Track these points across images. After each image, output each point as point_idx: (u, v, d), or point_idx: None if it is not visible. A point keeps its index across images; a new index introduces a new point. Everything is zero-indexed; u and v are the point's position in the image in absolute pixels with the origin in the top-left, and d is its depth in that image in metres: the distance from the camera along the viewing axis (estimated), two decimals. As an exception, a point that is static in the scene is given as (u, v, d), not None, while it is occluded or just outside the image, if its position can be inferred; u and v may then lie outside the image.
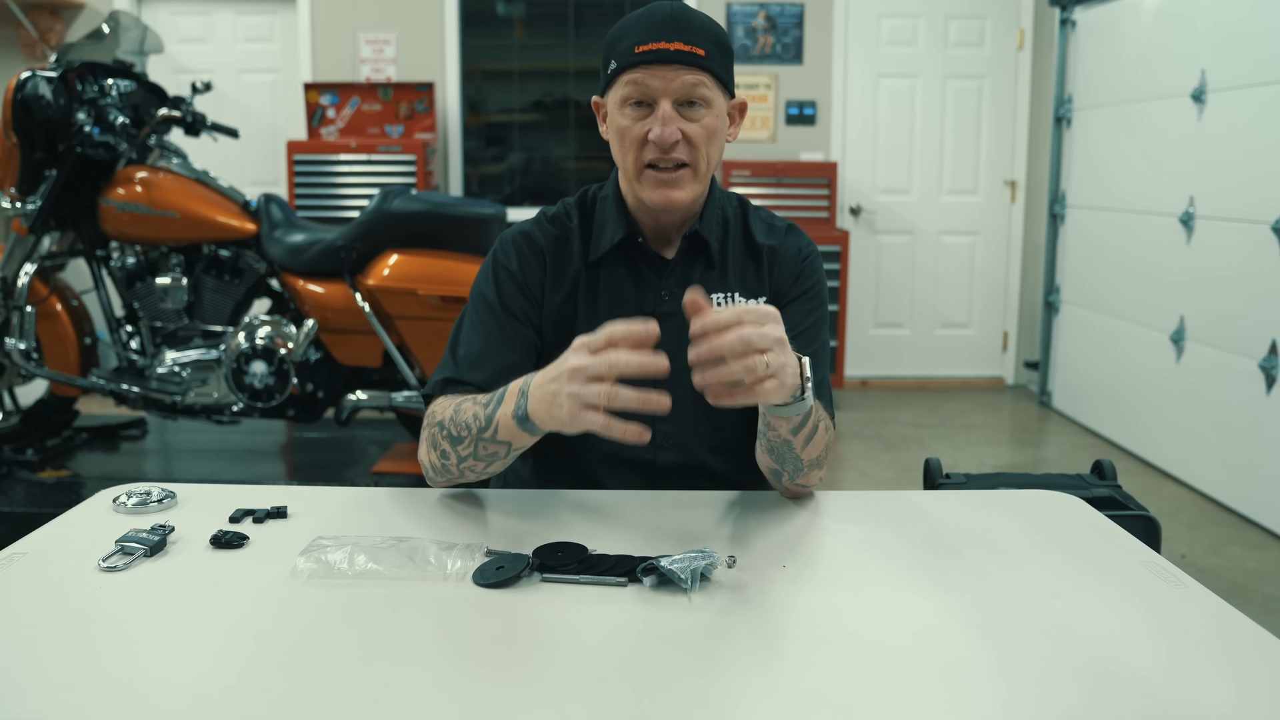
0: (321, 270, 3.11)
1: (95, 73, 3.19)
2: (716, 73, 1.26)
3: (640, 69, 1.23)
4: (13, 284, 3.19)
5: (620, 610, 0.97)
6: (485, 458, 1.20)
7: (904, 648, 0.90)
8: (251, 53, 5.45)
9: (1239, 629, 0.95)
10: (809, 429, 1.20)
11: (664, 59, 1.23)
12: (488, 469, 1.23)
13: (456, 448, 1.22)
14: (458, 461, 1.23)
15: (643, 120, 1.25)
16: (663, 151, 1.25)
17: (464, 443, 1.20)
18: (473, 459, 1.21)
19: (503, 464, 1.22)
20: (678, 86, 1.23)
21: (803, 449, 1.21)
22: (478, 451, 1.20)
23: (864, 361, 5.62)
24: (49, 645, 0.89)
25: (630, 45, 1.24)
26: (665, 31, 1.23)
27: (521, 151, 5.62)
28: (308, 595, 1.00)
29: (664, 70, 1.23)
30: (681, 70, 1.23)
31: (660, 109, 1.24)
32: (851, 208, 5.51)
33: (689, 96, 1.24)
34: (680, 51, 1.22)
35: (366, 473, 3.28)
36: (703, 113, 1.26)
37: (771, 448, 1.22)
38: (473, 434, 1.19)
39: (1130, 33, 4.38)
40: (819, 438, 1.23)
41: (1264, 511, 3.41)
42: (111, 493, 1.29)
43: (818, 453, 1.24)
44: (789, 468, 1.24)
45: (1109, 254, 4.56)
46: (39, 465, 3.28)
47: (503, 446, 1.18)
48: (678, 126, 1.24)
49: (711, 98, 1.26)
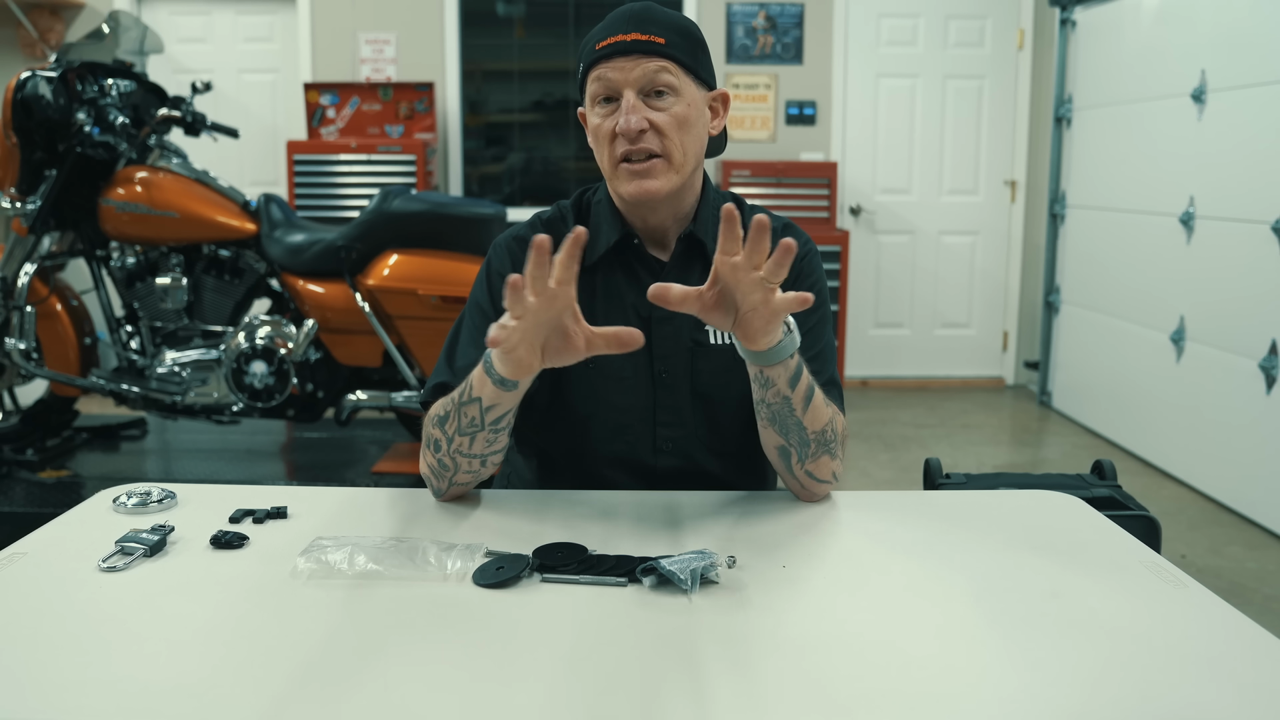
0: (321, 270, 3.11)
1: (95, 73, 3.19)
2: (680, 60, 1.27)
3: (602, 64, 1.26)
4: (13, 284, 3.19)
5: (620, 610, 0.97)
6: (468, 430, 1.21)
7: (904, 648, 0.90)
8: (251, 53, 5.45)
9: (1239, 629, 0.95)
10: (805, 386, 1.19)
11: (621, 50, 1.25)
12: (472, 447, 1.22)
13: (444, 428, 1.23)
14: (448, 446, 1.23)
15: (611, 115, 1.27)
16: (630, 142, 1.25)
17: (449, 419, 1.22)
18: (457, 434, 1.22)
19: (485, 442, 1.22)
20: (638, 75, 1.25)
21: (803, 411, 1.21)
22: (460, 424, 1.21)
23: (864, 361, 5.62)
24: (49, 645, 0.89)
25: (593, 44, 1.28)
26: (623, 25, 1.26)
27: (521, 151, 5.62)
28: (308, 595, 1.00)
29: (622, 61, 1.25)
30: (640, 59, 1.25)
31: (624, 99, 1.25)
32: (851, 208, 5.51)
33: (652, 85, 1.25)
34: (637, 41, 1.24)
35: (366, 473, 3.28)
36: (670, 100, 1.26)
37: (773, 415, 1.22)
38: (455, 404, 1.21)
39: (1130, 33, 4.38)
40: (818, 405, 1.22)
41: (1264, 511, 3.41)
42: (111, 493, 1.29)
43: (821, 425, 1.23)
44: (795, 440, 1.23)
45: (1109, 254, 4.56)
46: (39, 465, 3.28)
47: (475, 406, 1.18)
48: (644, 116, 1.25)
49: (678, 85, 1.27)
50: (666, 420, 1.36)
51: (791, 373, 1.17)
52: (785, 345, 1.14)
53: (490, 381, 1.15)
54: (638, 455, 1.36)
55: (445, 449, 1.24)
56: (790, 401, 1.20)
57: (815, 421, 1.22)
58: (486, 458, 1.24)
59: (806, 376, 1.20)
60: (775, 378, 1.18)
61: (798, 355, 1.17)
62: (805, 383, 1.20)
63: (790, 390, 1.19)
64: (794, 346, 1.16)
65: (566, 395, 1.35)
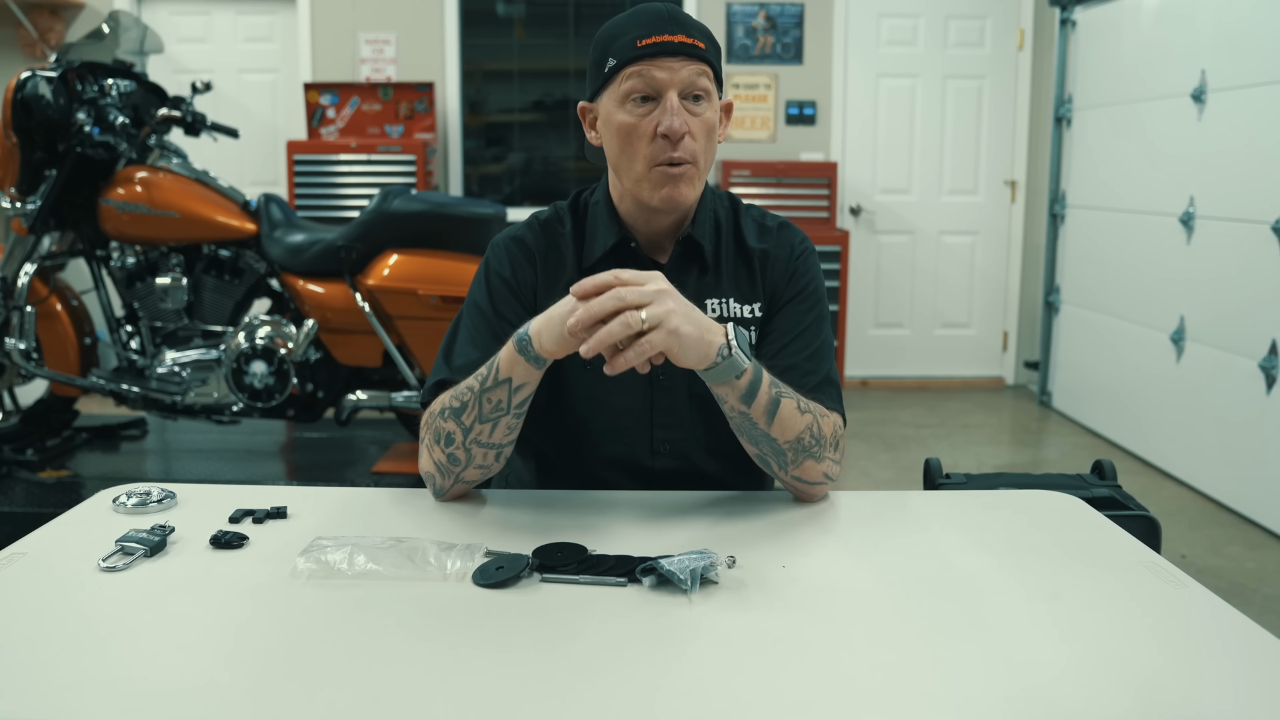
0: (321, 270, 3.11)
1: (95, 73, 3.19)
2: (715, 66, 1.27)
3: (644, 62, 1.23)
4: (13, 284, 3.19)
5: (620, 610, 0.97)
6: (490, 417, 1.20)
7: (904, 648, 0.90)
8: (251, 53, 5.45)
9: (1239, 629, 0.95)
10: (765, 401, 1.18)
11: (669, 50, 1.23)
12: (493, 435, 1.22)
13: (460, 418, 1.21)
14: (464, 437, 1.22)
15: (650, 115, 1.24)
16: (674, 146, 1.23)
17: (467, 409, 1.21)
18: (478, 422, 1.21)
19: (507, 429, 1.21)
20: (684, 77, 1.24)
21: (768, 425, 1.20)
22: (482, 411, 1.20)
23: (864, 361, 5.62)
24: (49, 645, 0.89)
25: (631, 40, 1.24)
26: (667, 25, 1.24)
27: (521, 151, 5.62)
28: (308, 595, 1.00)
29: (670, 61, 1.23)
30: (686, 62, 1.23)
31: (667, 100, 1.23)
32: (851, 208, 5.51)
33: (693, 89, 1.25)
34: (684, 44, 1.23)
35: (366, 473, 3.28)
36: (704, 106, 1.26)
37: (738, 427, 1.22)
38: (475, 392, 1.20)
39: (1130, 33, 4.38)
40: (787, 416, 1.20)
41: (1264, 511, 3.41)
42: (111, 493, 1.29)
43: (794, 434, 1.21)
44: (767, 450, 1.23)
45: (1109, 254, 4.56)
46: (39, 465, 3.28)
47: (503, 389, 1.18)
48: (685, 119, 1.24)
49: (711, 91, 1.27)
50: (664, 422, 1.36)
51: (742, 392, 1.16)
52: (724, 368, 1.14)
53: (524, 360, 1.16)
54: (635, 457, 1.36)
55: (460, 440, 1.22)
56: (749, 416, 1.19)
57: (785, 432, 1.21)
58: (501, 450, 1.24)
59: (767, 393, 1.18)
60: (725, 395, 1.18)
61: (752, 375, 1.16)
62: (765, 399, 1.18)
63: (745, 406, 1.18)
64: (735, 370, 1.14)
65: (565, 397, 1.35)
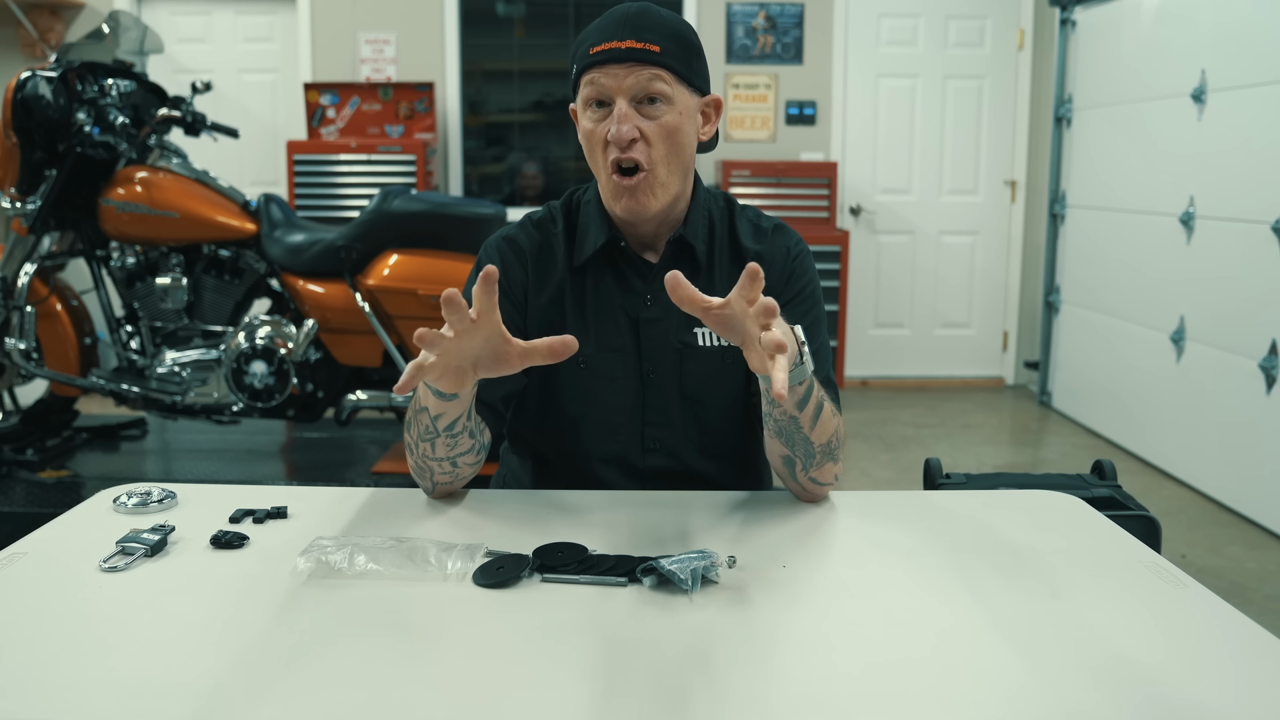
0: (321, 270, 3.11)
1: (95, 73, 3.19)
2: (675, 68, 1.26)
3: (596, 69, 1.26)
4: (13, 284, 3.19)
5: (620, 610, 0.97)
6: (426, 437, 1.22)
7: (904, 648, 0.90)
8: (251, 53, 5.45)
9: (1239, 629, 0.95)
10: (814, 405, 1.19)
11: (616, 57, 1.24)
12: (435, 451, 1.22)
13: (409, 433, 1.25)
14: (416, 451, 1.25)
15: (604, 121, 1.27)
16: (621, 150, 1.25)
17: (411, 426, 1.24)
18: (419, 440, 1.23)
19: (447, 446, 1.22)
20: (632, 84, 1.24)
21: (810, 428, 1.20)
22: (419, 431, 1.22)
23: (864, 361, 5.62)
24: (49, 645, 0.89)
25: (587, 47, 1.27)
26: (619, 30, 1.25)
27: (521, 151, 5.62)
28: (308, 595, 1.00)
29: (616, 68, 1.24)
30: (635, 68, 1.24)
31: (616, 107, 1.25)
32: (851, 208, 5.51)
33: (645, 93, 1.25)
34: (632, 49, 1.24)
35: (366, 473, 3.28)
36: (662, 109, 1.26)
37: (779, 429, 1.22)
38: (413, 412, 1.23)
39: (1130, 33, 4.38)
40: (826, 419, 1.22)
41: (1264, 511, 3.41)
42: (111, 493, 1.29)
43: (827, 437, 1.23)
44: (800, 453, 1.23)
45: (1109, 254, 4.56)
46: (39, 465, 3.28)
47: (425, 415, 1.20)
48: (635, 125, 1.24)
49: (670, 93, 1.26)
50: (654, 420, 1.36)
51: (800, 396, 1.17)
52: (796, 373, 1.14)
53: (430, 393, 1.16)
54: (627, 454, 1.37)
55: (415, 453, 1.25)
56: (798, 421, 1.19)
57: (822, 435, 1.22)
58: (455, 459, 1.24)
59: (817, 396, 1.19)
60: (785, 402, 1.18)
61: (810, 379, 1.16)
62: (815, 402, 1.19)
63: (798, 411, 1.18)
64: (804, 376, 1.14)
65: (558, 396, 1.35)
